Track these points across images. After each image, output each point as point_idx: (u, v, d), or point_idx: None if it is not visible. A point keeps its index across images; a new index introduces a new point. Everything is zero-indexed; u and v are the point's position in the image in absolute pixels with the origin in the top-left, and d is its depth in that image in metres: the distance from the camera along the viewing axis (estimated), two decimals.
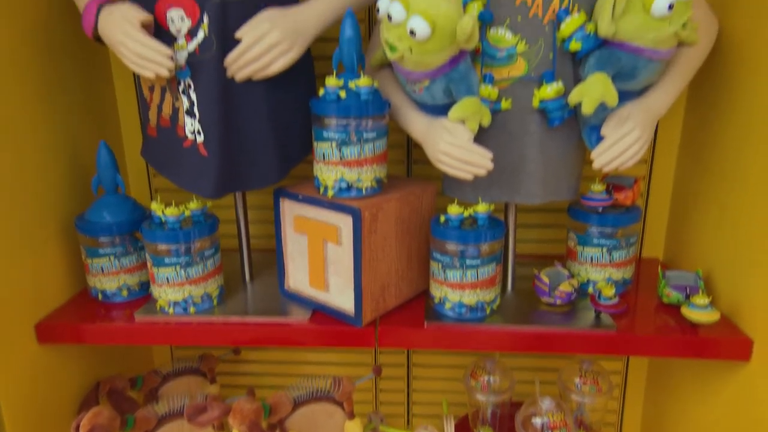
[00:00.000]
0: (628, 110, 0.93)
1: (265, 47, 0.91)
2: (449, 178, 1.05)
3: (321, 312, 1.05)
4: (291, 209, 1.05)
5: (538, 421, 1.10)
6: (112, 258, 1.07)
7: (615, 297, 1.02)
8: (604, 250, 1.06)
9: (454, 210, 0.98)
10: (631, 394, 1.44)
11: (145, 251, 1.03)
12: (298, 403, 1.09)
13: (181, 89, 0.96)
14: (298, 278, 1.09)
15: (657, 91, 0.95)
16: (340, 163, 0.95)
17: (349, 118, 0.92)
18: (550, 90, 0.93)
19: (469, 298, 0.99)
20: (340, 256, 1.00)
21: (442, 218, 1.00)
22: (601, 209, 1.06)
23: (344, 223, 0.97)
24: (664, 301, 1.05)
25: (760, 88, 0.94)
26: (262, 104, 0.97)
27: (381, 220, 0.98)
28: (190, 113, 0.96)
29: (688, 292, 1.03)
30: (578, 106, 0.93)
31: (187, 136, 0.98)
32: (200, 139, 0.96)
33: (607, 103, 0.89)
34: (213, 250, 1.04)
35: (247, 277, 1.20)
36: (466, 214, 0.99)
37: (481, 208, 0.98)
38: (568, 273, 1.06)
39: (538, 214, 1.33)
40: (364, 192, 0.97)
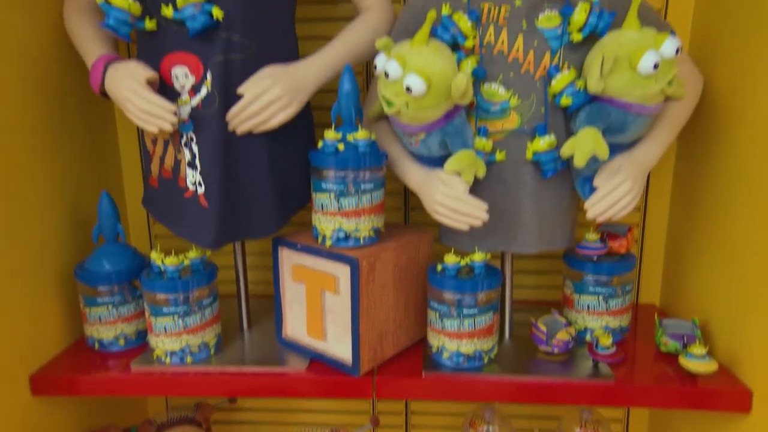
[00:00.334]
0: (618, 162, 0.96)
1: (266, 103, 0.94)
2: (446, 227, 1.07)
3: (318, 361, 1.04)
4: (289, 258, 1.06)
5: None
6: (110, 307, 1.07)
7: (612, 346, 1.02)
8: (601, 298, 1.07)
9: (451, 259, 0.99)
10: None
11: (143, 300, 1.03)
12: None
13: (183, 142, 0.98)
14: (296, 327, 1.09)
15: (647, 144, 0.97)
16: (338, 214, 0.97)
17: (347, 170, 0.94)
18: (543, 143, 0.95)
19: (467, 347, 0.99)
20: (338, 306, 1.00)
21: (439, 267, 1.00)
22: (596, 258, 1.07)
23: (342, 273, 0.98)
24: (662, 349, 1.05)
25: (746, 138, 0.97)
26: (263, 156, 1.00)
27: (379, 270, 0.98)
28: (192, 165, 0.98)
29: (685, 341, 1.03)
30: (571, 158, 0.95)
31: (188, 188, 1.00)
32: (201, 190, 0.98)
33: (598, 156, 0.92)
34: (211, 299, 1.05)
35: (245, 325, 1.20)
36: (463, 263, 1.00)
37: (478, 257, 0.99)
38: (565, 321, 1.06)
39: (535, 260, 1.34)
40: (361, 242, 0.99)
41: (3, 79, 0.97)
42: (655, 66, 0.86)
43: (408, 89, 0.87)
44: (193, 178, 0.99)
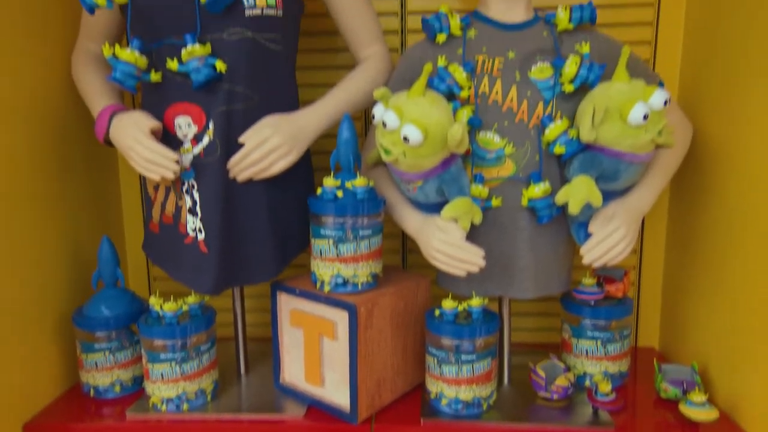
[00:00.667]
0: (612, 209, 0.97)
1: (266, 151, 0.96)
2: (443, 271, 1.07)
3: (316, 408, 1.03)
4: (288, 303, 1.06)
5: None
6: (107, 353, 1.06)
7: (612, 393, 1.01)
8: (599, 342, 1.07)
9: (449, 304, 0.99)
10: None
11: (140, 345, 1.03)
12: None
13: (184, 189, 1.00)
14: (294, 372, 1.09)
15: (640, 191, 0.99)
16: (336, 260, 0.98)
17: (345, 216, 0.96)
18: (537, 190, 0.97)
19: (466, 393, 0.98)
20: (336, 352, 1.00)
21: (437, 312, 1.01)
22: (593, 302, 1.08)
23: (340, 319, 0.98)
24: (662, 396, 1.05)
25: (737, 181, 0.99)
26: (262, 203, 1.01)
27: (377, 315, 0.99)
28: (192, 212, 1.00)
29: (685, 387, 1.02)
30: (566, 204, 0.97)
31: (188, 234, 1.01)
32: (201, 236, 0.99)
33: (592, 204, 0.93)
34: (209, 345, 1.04)
35: (242, 369, 1.19)
36: (461, 308, 1.00)
37: (475, 303, 0.99)
38: (564, 366, 1.06)
39: (533, 303, 1.34)
40: (359, 287, 0.99)
41: (11, 125, 0.99)
42: (645, 117, 0.88)
43: (405, 139, 0.89)
44: (193, 224, 1.00)
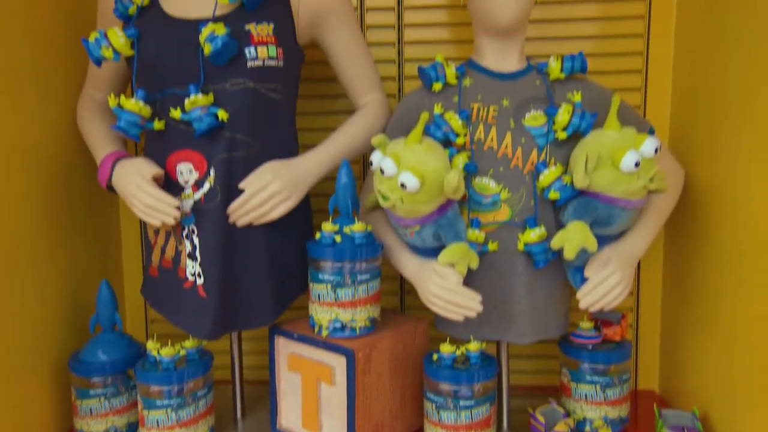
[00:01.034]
0: (607, 254, 0.98)
1: (266, 197, 0.98)
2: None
3: None
4: (286, 347, 1.06)
5: None
6: (103, 399, 1.05)
7: None
8: (598, 387, 1.06)
9: (447, 349, 0.99)
10: None
11: (136, 390, 1.02)
12: None
13: (184, 234, 1.01)
14: (291, 418, 1.08)
15: (634, 235, 1.01)
16: (334, 304, 0.98)
17: (343, 261, 0.97)
18: (533, 235, 0.98)
19: None
20: (334, 397, 0.99)
21: (435, 356, 1.01)
22: (591, 347, 1.08)
23: (338, 364, 0.98)
24: None
25: (730, 223, 1.00)
26: (261, 248, 1.02)
27: (375, 360, 0.99)
28: (192, 256, 1.01)
29: None
30: (561, 249, 0.98)
31: (187, 278, 1.01)
32: (200, 281, 1.00)
33: (587, 249, 0.95)
34: (206, 390, 1.04)
35: (239, 414, 1.18)
36: (459, 352, 1.00)
37: (473, 347, 0.99)
38: (563, 412, 1.05)
39: (531, 344, 1.33)
40: (357, 332, 0.99)
41: (15, 169, 1.00)
42: (637, 165, 0.90)
43: (403, 186, 0.91)
44: (192, 269, 1.01)
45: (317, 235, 1.00)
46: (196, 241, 1.00)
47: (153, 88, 0.98)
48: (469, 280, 1.01)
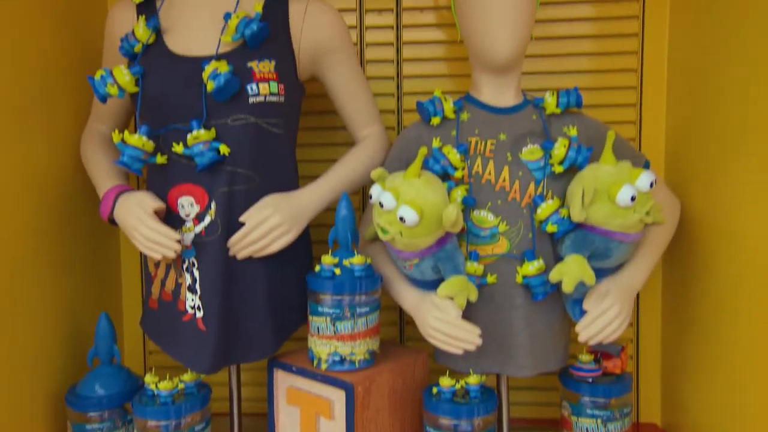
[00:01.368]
0: (606, 286, 0.99)
1: (266, 230, 0.99)
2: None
3: None
4: (284, 380, 1.06)
5: None
6: None
7: None
8: (599, 421, 1.05)
9: (446, 382, 0.98)
10: None
11: (133, 424, 1.01)
12: None
13: (185, 267, 1.01)
14: None
15: (631, 268, 1.01)
16: (334, 338, 0.98)
17: (343, 294, 0.97)
18: (532, 268, 0.99)
19: None
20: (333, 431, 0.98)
21: (435, 390, 1.00)
22: (591, 380, 1.07)
23: (337, 398, 0.97)
24: None
25: (728, 253, 1.00)
26: (261, 280, 1.03)
27: (374, 393, 0.98)
28: (192, 289, 1.01)
29: None
30: (560, 282, 0.98)
31: (187, 311, 1.02)
32: (199, 314, 1.00)
33: (585, 282, 0.95)
34: (203, 424, 1.03)
35: None
36: (458, 386, 0.99)
37: (473, 381, 0.99)
38: None
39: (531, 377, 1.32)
40: (357, 365, 0.99)
41: (19, 202, 1.02)
42: (633, 199, 0.91)
43: (402, 219, 0.92)
44: (192, 302, 1.01)
45: (317, 268, 1.01)
46: (197, 274, 1.00)
47: (156, 124, 0.99)
48: (468, 312, 1.01)
